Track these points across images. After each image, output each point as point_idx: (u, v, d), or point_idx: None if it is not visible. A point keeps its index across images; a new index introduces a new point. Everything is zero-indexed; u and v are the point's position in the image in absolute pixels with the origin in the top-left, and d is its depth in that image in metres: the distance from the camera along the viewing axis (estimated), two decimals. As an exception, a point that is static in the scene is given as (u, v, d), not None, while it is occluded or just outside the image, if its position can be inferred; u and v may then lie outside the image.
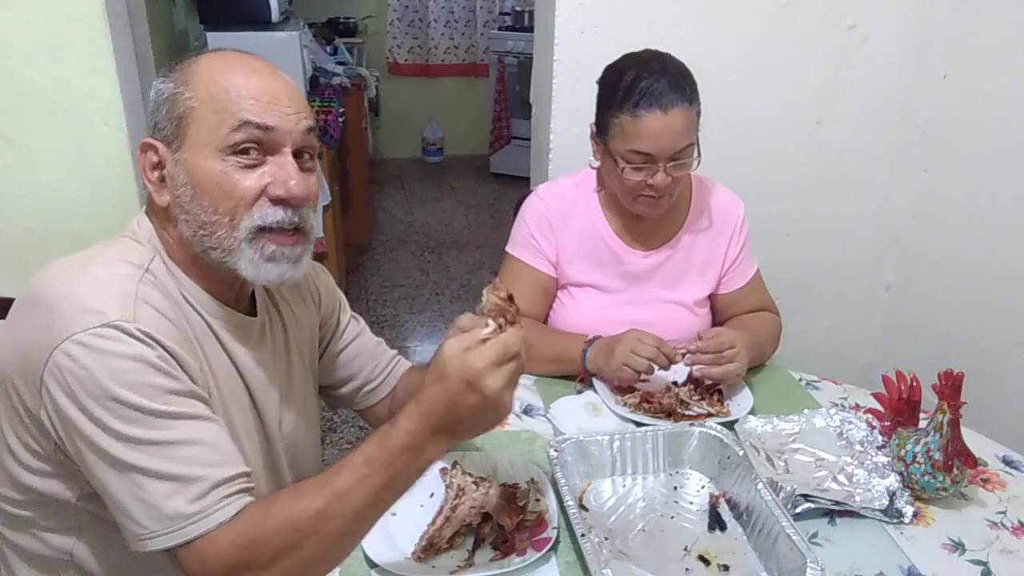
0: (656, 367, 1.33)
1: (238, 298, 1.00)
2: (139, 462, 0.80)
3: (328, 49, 4.07)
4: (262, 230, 0.91)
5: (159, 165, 0.92)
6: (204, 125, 0.88)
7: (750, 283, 1.60)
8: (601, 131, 1.43)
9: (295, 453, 1.11)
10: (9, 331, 0.88)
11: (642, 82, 1.34)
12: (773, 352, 1.56)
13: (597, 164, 1.50)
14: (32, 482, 0.90)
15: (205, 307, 0.95)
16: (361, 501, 0.82)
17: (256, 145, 0.89)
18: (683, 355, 1.34)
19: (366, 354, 1.24)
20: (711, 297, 1.60)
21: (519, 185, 4.05)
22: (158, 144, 0.91)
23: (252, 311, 1.03)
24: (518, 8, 5.16)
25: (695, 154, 1.40)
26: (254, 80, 0.90)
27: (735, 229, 1.57)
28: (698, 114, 1.39)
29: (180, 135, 0.90)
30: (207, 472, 0.82)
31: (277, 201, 0.91)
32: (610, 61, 1.45)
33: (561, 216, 1.53)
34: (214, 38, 2.94)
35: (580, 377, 1.43)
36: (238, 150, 0.89)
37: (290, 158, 0.91)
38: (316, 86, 3.50)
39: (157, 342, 0.84)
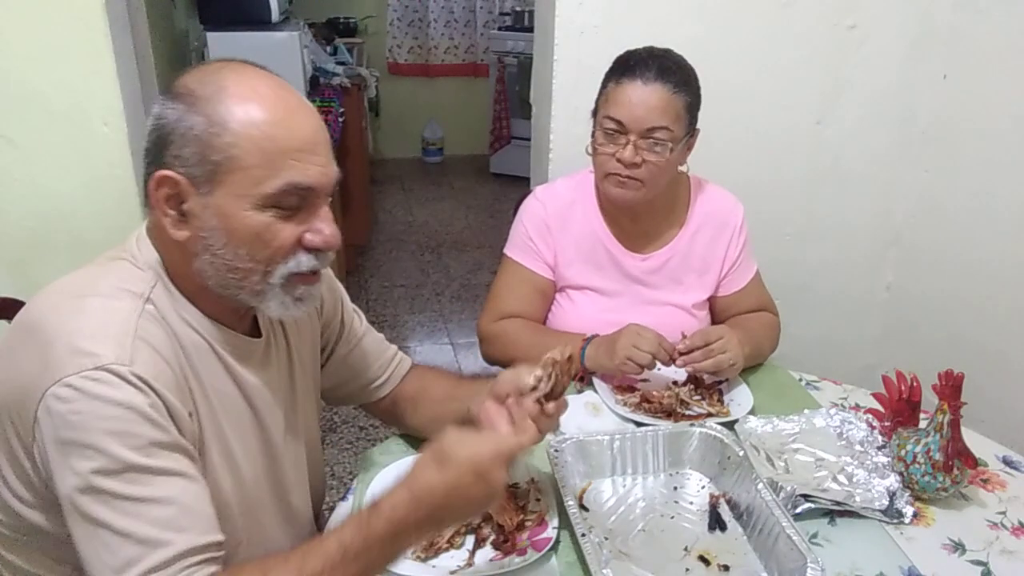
0: (657, 363, 1.34)
1: (241, 320, 0.98)
2: (109, 520, 0.77)
3: (328, 49, 4.07)
4: (294, 275, 0.90)
5: (177, 199, 0.86)
6: (246, 177, 0.84)
7: (749, 285, 1.60)
8: (595, 109, 1.46)
9: (301, 466, 1.10)
10: (4, 361, 0.86)
11: (634, 58, 1.40)
12: (772, 351, 1.56)
13: (591, 151, 1.50)
14: (25, 513, 0.89)
15: (209, 332, 0.93)
16: None
17: (296, 199, 0.88)
18: (675, 357, 1.35)
19: (371, 354, 1.23)
20: (710, 299, 1.60)
21: (519, 185, 4.05)
22: (180, 179, 0.85)
23: (254, 331, 1.01)
24: (518, 8, 5.16)
25: (671, 146, 1.38)
26: (294, 125, 0.86)
27: (734, 231, 1.57)
28: (687, 109, 1.39)
29: (214, 180, 0.84)
30: (175, 538, 0.79)
31: (311, 249, 0.90)
32: (610, 61, 1.46)
33: (559, 218, 1.53)
34: (214, 38, 2.94)
35: (579, 375, 1.43)
36: (279, 204, 0.86)
37: (326, 208, 0.91)
38: (316, 86, 3.50)
39: (152, 388, 0.81)
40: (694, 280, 1.57)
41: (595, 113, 1.46)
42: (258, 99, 0.85)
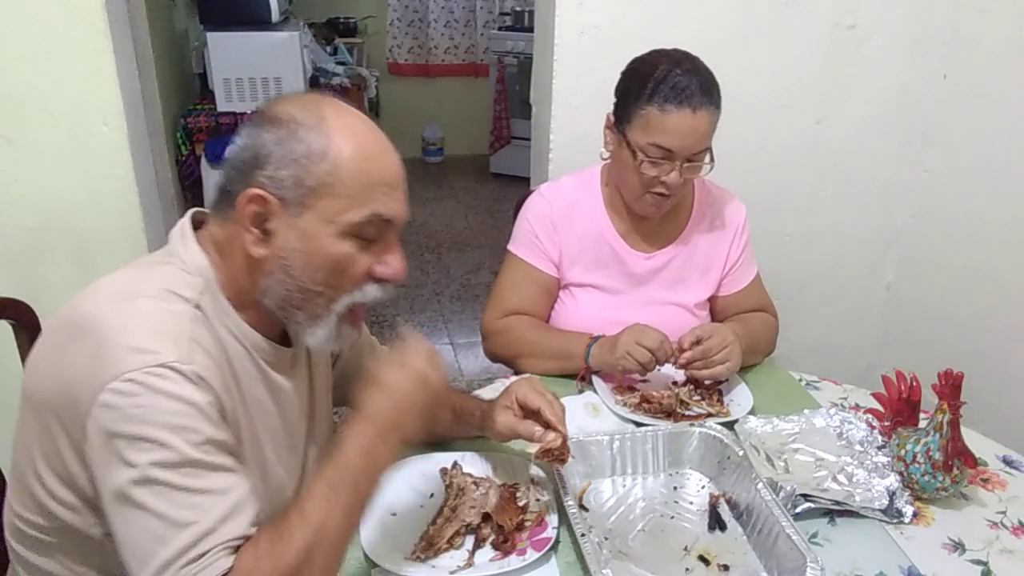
0: (658, 365, 1.34)
1: (274, 330, 1.00)
2: (164, 510, 0.78)
3: (328, 49, 4.08)
4: (354, 305, 0.95)
5: (263, 217, 0.89)
6: (336, 204, 0.88)
7: (749, 286, 1.60)
8: (621, 121, 1.41)
9: (315, 466, 1.12)
10: (49, 360, 0.86)
11: (675, 78, 1.34)
12: (768, 352, 1.56)
13: (607, 157, 1.50)
14: (59, 512, 0.89)
15: (250, 341, 0.95)
16: (337, 524, 0.85)
17: (375, 230, 0.93)
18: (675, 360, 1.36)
19: (367, 356, 1.25)
20: (710, 299, 1.61)
21: (519, 185, 4.05)
22: (271, 199, 0.88)
23: (286, 340, 1.03)
24: (518, 8, 5.16)
25: (709, 159, 1.41)
26: (385, 162, 0.93)
27: (736, 232, 1.57)
28: (718, 120, 1.40)
29: (304, 203, 0.88)
30: (222, 527, 0.81)
31: (379, 280, 0.95)
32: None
33: (564, 216, 1.53)
34: (214, 38, 2.94)
35: (581, 375, 1.43)
36: (360, 233, 0.91)
37: (397, 241, 0.96)
38: (316, 86, 3.50)
39: (211, 387, 0.84)
40: (697, 279, 1.57)
41: (621, 127, 1.41)
42: (355, 134, 0.91)
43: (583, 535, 0.99)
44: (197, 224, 0.97)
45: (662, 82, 1.34)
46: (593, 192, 1.55)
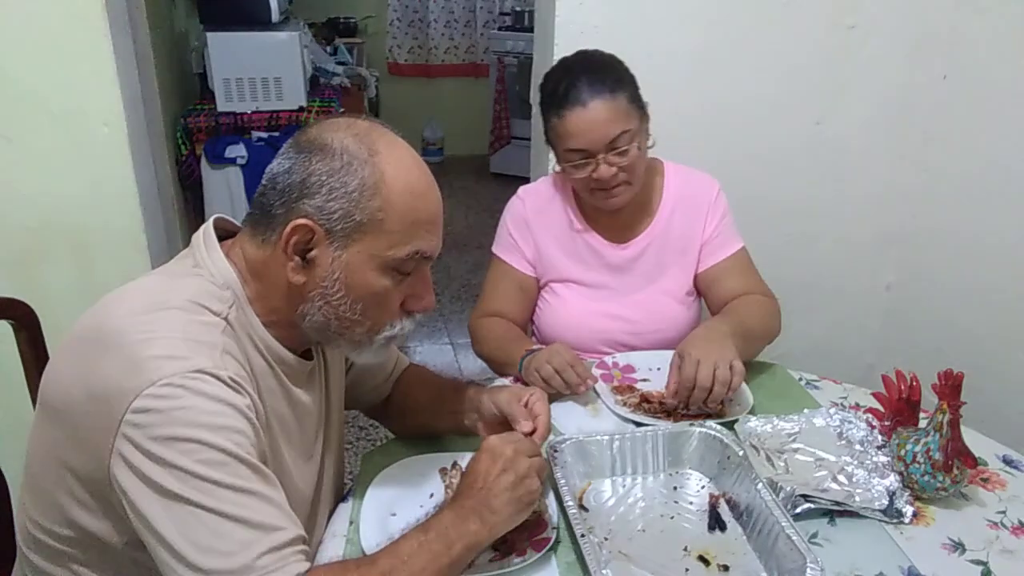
0: (565, 383, 1.32)
1: (299, 344, 1.00)
2: (220, 507, 0.78)
3: (328, 49, 4.08)
4: (393, 337, 0.98)
5: (306, 245, 0.89)
6: (382, 240, 0.90)
7: (733, 259, 1.56)
8: (547, 138, 1.48)
9: (329, 480, 1.12)
10: (74, 370, 0.85)
11: (561, 84, 1.40)
12: (769, 331, 1.49)
13: (559, 169, 1.52)
14: (84, 520, 0.88)
15: (276, 356, 0.95)
16: (423, 562, 0.87)
17: (413, 265, 0.94)
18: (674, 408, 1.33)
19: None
20: (697, 281, 1.59)
21: (519, 185, 4.05)
22: (318, 230, 0.88)
23: (307, 354, 1.04)
24: (518, 8, 5.16)
25: (635, 141, 1.40)
26: (431, 200, 0.94)
27: (709, 206, 1.56)
28: (631, 100, 1.39)
29: (352, 237, 0.89)
30: (288, 525, 0.82)
31: (409, 312, 0.98)
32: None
33: (537, 212, 1.57)
34: (214, 38, 2.94)
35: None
36: (400, 268, 0.93)
37: (429, 274, 0.99)
38: (316, 86, 3.50)
39: (247, 392, 0.84)
40: (677, 262, 1.57)
41: (549, 142, 1.48)
42: (405, 170, 0.91)
43: (583, 535, 0.99)
44: (219, 231, 0.96)
45: (552, 91, 1.41)
46: (565, 189, 1.58)
